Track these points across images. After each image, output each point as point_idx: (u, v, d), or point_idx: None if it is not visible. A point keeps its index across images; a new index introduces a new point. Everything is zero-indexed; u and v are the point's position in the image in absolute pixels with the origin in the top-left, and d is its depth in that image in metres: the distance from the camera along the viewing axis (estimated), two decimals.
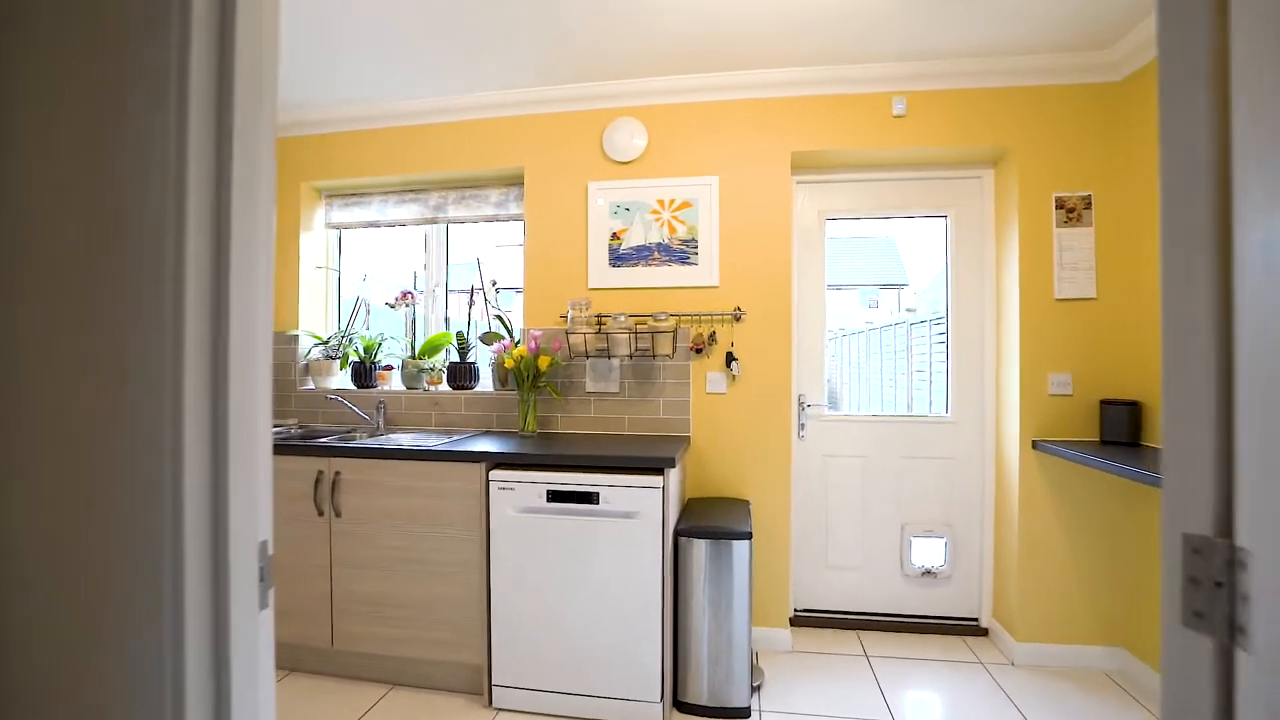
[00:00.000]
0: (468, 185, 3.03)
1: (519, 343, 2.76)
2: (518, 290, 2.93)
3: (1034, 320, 2.46)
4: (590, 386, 2.72)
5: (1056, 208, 2.46)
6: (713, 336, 2.60)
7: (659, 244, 2.67)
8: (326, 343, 3.04)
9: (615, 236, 2.71)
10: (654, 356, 2.63)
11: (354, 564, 2.28)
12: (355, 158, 2.99)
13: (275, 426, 2.87)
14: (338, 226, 3.18)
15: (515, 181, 2.94)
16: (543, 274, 2.80)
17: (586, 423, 2.73)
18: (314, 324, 3.14)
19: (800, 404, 2.82)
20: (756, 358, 2.61)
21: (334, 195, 3.18)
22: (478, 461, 2.18)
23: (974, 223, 2.75)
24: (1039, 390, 2.46)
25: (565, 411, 2.75)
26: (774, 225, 2.62)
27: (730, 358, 2.59)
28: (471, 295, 2.96)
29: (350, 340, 3.02)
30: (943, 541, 2.77)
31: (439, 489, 2.21)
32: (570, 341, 2.61)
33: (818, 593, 2.86)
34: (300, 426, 2.94)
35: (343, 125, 2.99)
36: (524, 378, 2.57)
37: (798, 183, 2.82)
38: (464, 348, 2.92)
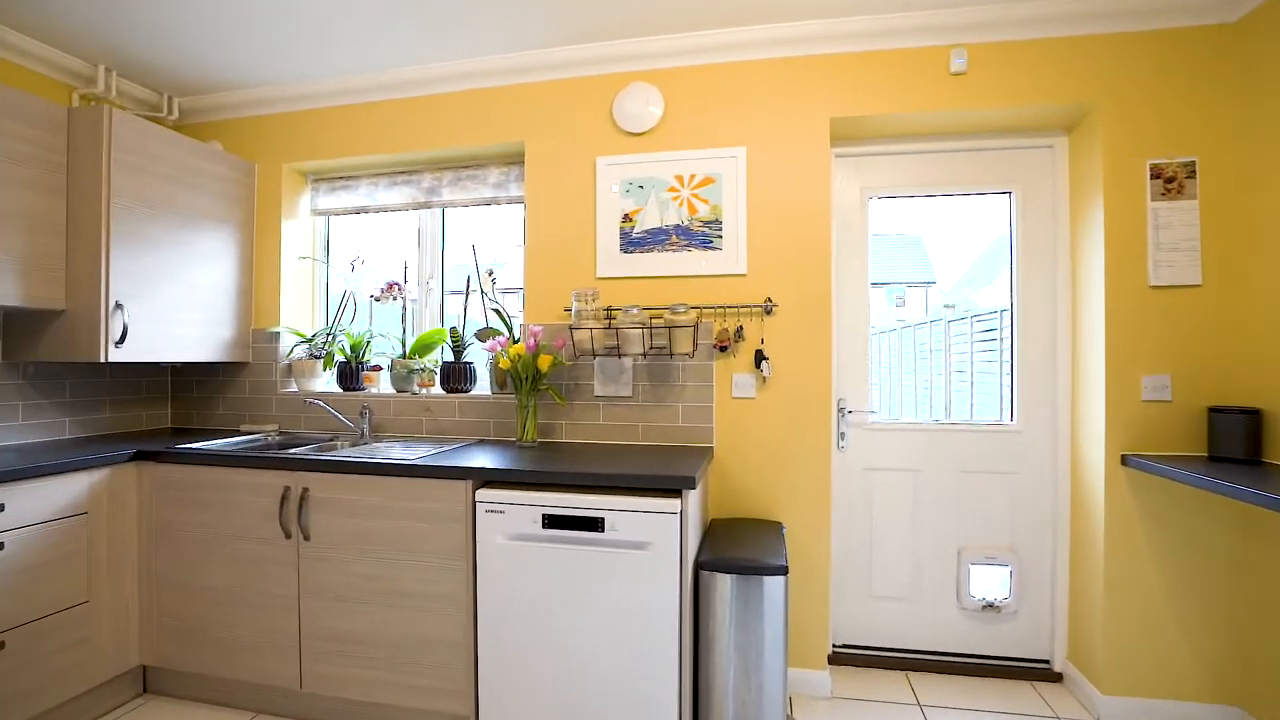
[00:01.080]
0: (464, 165, 2.71)
1: (517, 340, 2.43)
2: (517, 289, 2.61)
3: (1123, 312, 2.07)
4: (599, 390, 2.39)
5: (1152, 177, 2.06)
6: (739, 332, 2.25)
7: (677, 226, 2.32)
8: (311, 340, 2.75)
9: (627, 218, 2.37)
10: (671, 355, 2.29)
11: (325, 594, 1.97)
12: (342, 136, 2.70)
13: (252, 433, 2.59)
14: (324, 213, 2.89)
15: (516, 160, 2.62)
16: (545, 262, 2.47)
17: (594, 431, 2.40)
18: (299, 320, 2.85)
19: (839, 410, 2.45)
20: (790, 356, 2.25)
21: (320, 179, 2.89)
22: (461, 479, 1.86)
23: (1044, 199, 2.36)
24: (1129, 395, 2.06)
25: (570, 418, 2.42)
26: (810, 203, 2.25)
27: (760, 357, 2.23)
28: (467, 287, 2.65)
29: (335, 338, 2.73)
30: (1007, 570, 2.38)
31: (418, 510, 1.89)
32: (575, 338, 2.28)
33: (860, 626, 2.50)
34: (281, 433, 2.65)
35: (328, 99, 2.69)
36: (522, 380, 2.24)
37: (836, 156, 2.45)
38: (459, 346, 2.61)
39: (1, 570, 1.80)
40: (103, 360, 2.16)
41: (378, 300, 2.64)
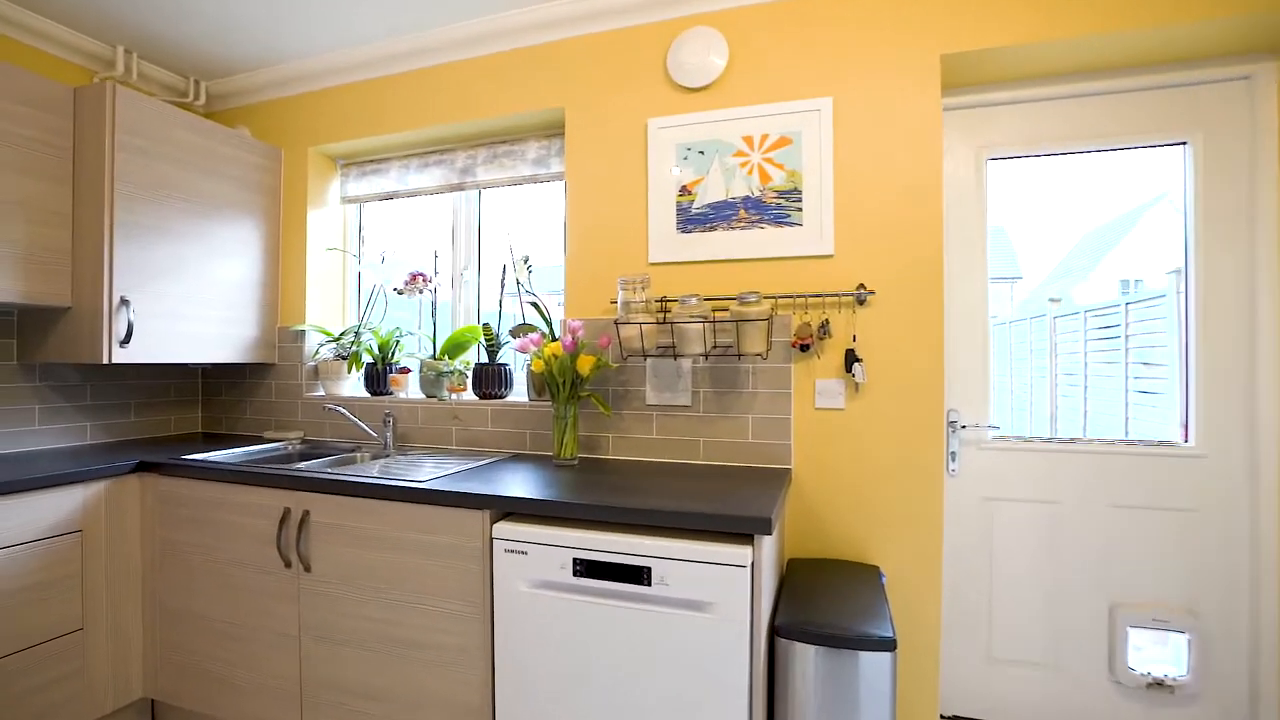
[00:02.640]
0: (499, 139, 2.39)
1: (556, 338, 2.08)
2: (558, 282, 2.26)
3: None
4: (651, 397, 2.00)
5: None
6: (825, 327, 1.80)
7: (746, 198, 1.90)
8: (338, 340, 2.51)
9: (685, 191, 1.97)
10: (740, 356, 1.87)
11: (327, 636, 1.68)
12: (367, 113, 2.43)
13: (275, 441, 2.36)
14: (354, 200, 2.65)
15: (557, 131, 2.27)
16: (588, 247, 2.10)
17: (645, 446, 2.01)
18: (327, 317, 2.62)
19: (950, 424, 1.96)
20: (890, 357, 1.79)
21: (350, 163, 2.65)
22: (476, 508, 1.51)
23: (1237, 148, 1.78)
24: None
25: (618, 430, 2.04)
26: (917, 165, 1.78)
27: (851, 358, 1.78)
28: (503, 278, 2.32)
29: (361, 337, 2.47)
30: (1183, 638, 1.82)
31: (427, 544, 1.56)
32: (621, 335, 1.90)
33: (975, 695, 1.99)
34: (304, 442, 2.42)
35: (351, 74, 2.44)
36: (559, 385, 1.88)
37: (945, 109, 1.96)
38: (493, 345, 2.29)
39: None
40: (105, 361, 1.97)
41: (401, 293, 2.35)
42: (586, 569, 1.37)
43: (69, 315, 2.03)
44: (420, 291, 2.30)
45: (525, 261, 2.18)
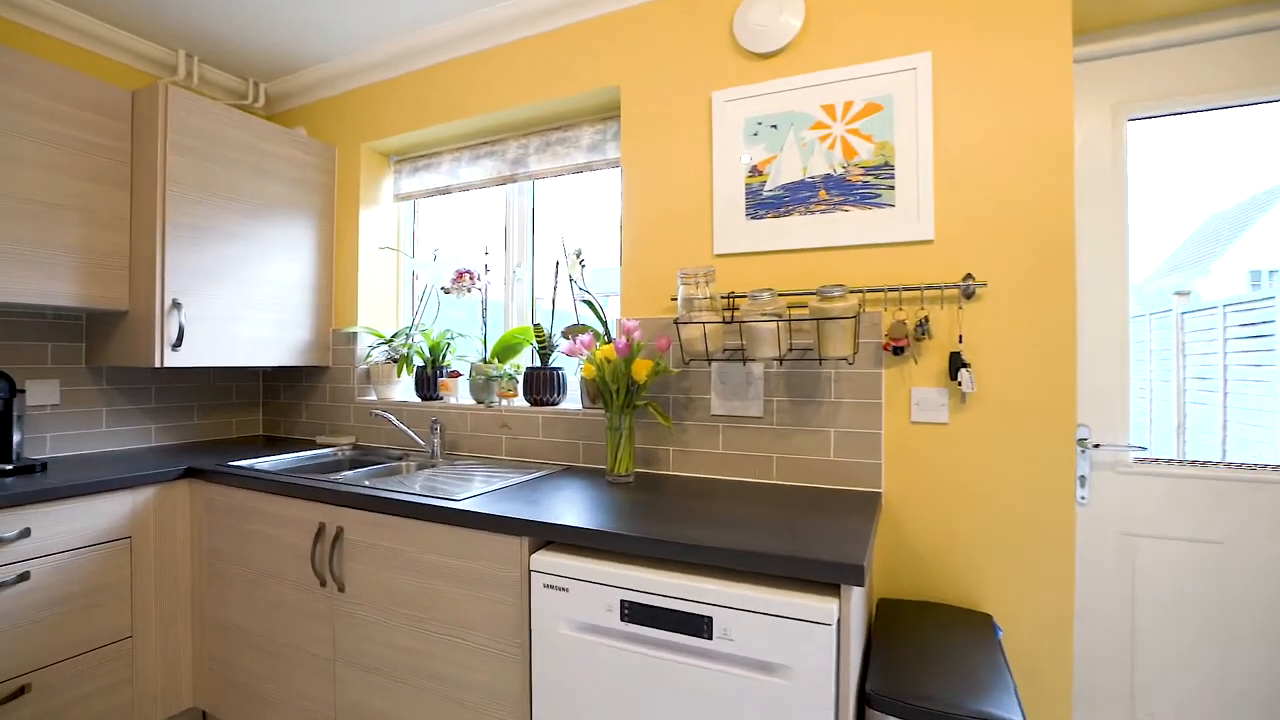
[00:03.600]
0: (552, 126, 2.23)
1: (610, 339, 1.88)
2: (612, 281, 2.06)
3: None
4: (718, 407, 1.76)
5: None
6: (923, 326, 1.51)
7: (827, 177, 1.64)
8: (390, 342, 2.42)
9: (755, 172, 1.72)
10: (820, 360, 1.61)
11: (359, 662, 1.55)
12: (416, 105, 2.33)
13: (327, 447, 2.29)
14: (407, 197, 2.56)
15: (613, 114, 2.08)
16: (646, 238, 1.90)
17: (711, 463, 1.78)
18: (380, 318, 2.54)
19: (1078, 442, 1.62)
20: (1007, 361, 1.48)
21: (404, 159, 2.56)
22: (513, 534, 1.33)
23: None
24: None
25: (679, 443, 1.82)
26: (1041, 128, 1.46)
27: (958, 362, 1.48)
28: (556, 275, 2.15)
29: (412, 339, 2.37)
30: None
31: (461, 570, 1.40)
32: (683, 336, 1.67)
33: None
34: (355, 448, 2.34)
35: (399, 65, 2.34)
36: (612, 393, 1.68)
37: (1076, 62, 1.62)
38: (545, 348, 2.12)
39: (26, 604, 1.58)
40: (158, 365, 1.94)
41: (448, 292, 2.22)
42: (636, 614, 1.16)
43: (127, 319, 2.02)
44: (468, 290, 2.17)
45: (578, 256, 2.00)
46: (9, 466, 1.78)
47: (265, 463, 1.98)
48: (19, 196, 1.78)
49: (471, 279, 2.15)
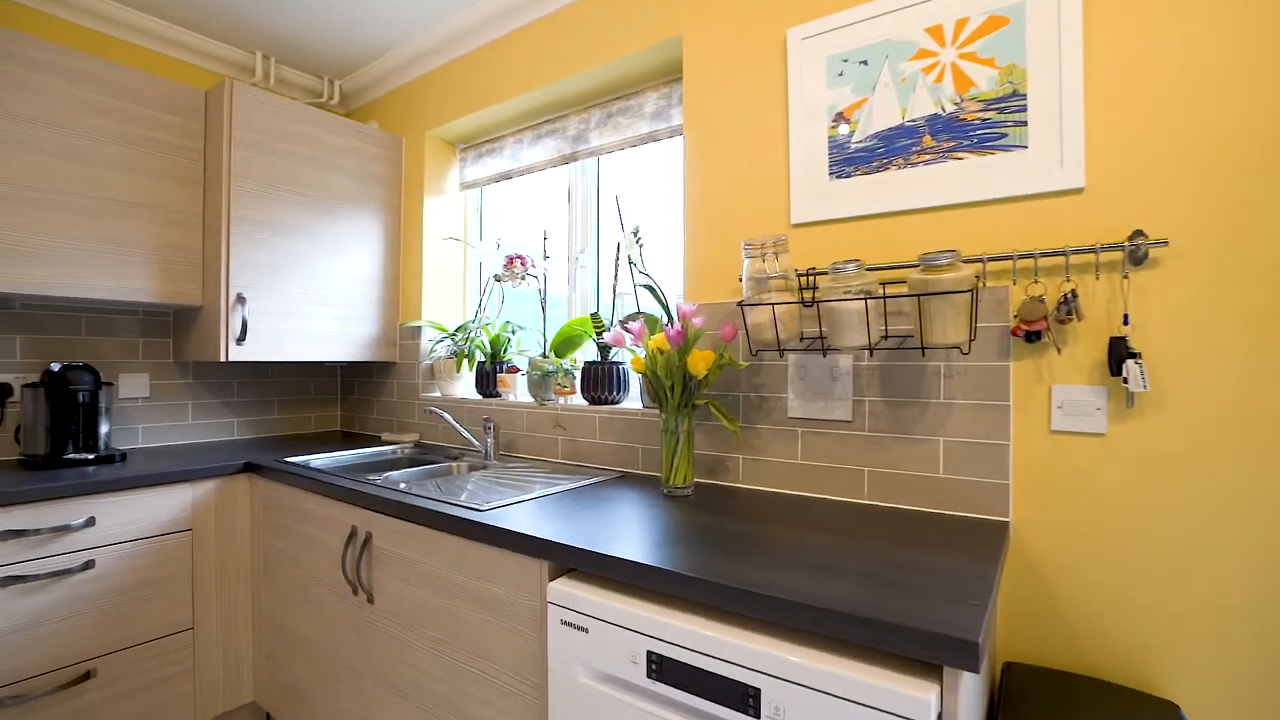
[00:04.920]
0: (614, 96, 2.02)
1: (661, 326, 1.64)
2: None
3: None
4: (796, 407, 1.47)
5: None
6: (1068, 304, 1.13)
7: (932, 118, 1.29)
8: (453, 336, 2.32)
9: (840, 120, 1.41)
10: (923, 350, 1.26)
11: (387, 682, 1.42)
12: (476, 85, 2.21)
13: (390, 444, 2.23)
14: (473, 185, 2.46)
15: (677, 75, 1.83)
16: (711, 209, 1.63)
17: (787, 475, 1.48)
18: (447, 312, 2.47)
19: None
20: (1198, 351, 1.06)
21: (469, 146, 2.47)
22: (533, 555, 1.12)
23: None
24: None
25: (750, 451, 1.54)
26: (1253, 29, 1.03)
27: (1123, 352, 1.09)
28: (616, 258, 1.94)
29: (472, 333, 2.25)
30: None
31: (481, 593, 1.22)
32: (749, 322, 1.39)
33: None
34: (417, 446, 2.27)
35: (461, 45, 2.23)
36: (666, 389, 1.44)
37: None
38: (605, 341, 1.92)
39: (92, 590, 1.60)
40: (223, 359, 1.95)
41: (499, 280, 2.07)
42: (665, 671, 0.91)
43: (200, 314, 2.06)
44: (521, 278, 2.01)
45: (635, 234, 1.77)
46: (91, 456, 1.84)
47: (319, 460, 1.93)
48: (101, 197, 1.84)
49: (523, 264, 1.99)
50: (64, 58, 1.76)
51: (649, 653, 0.92)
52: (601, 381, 1.89)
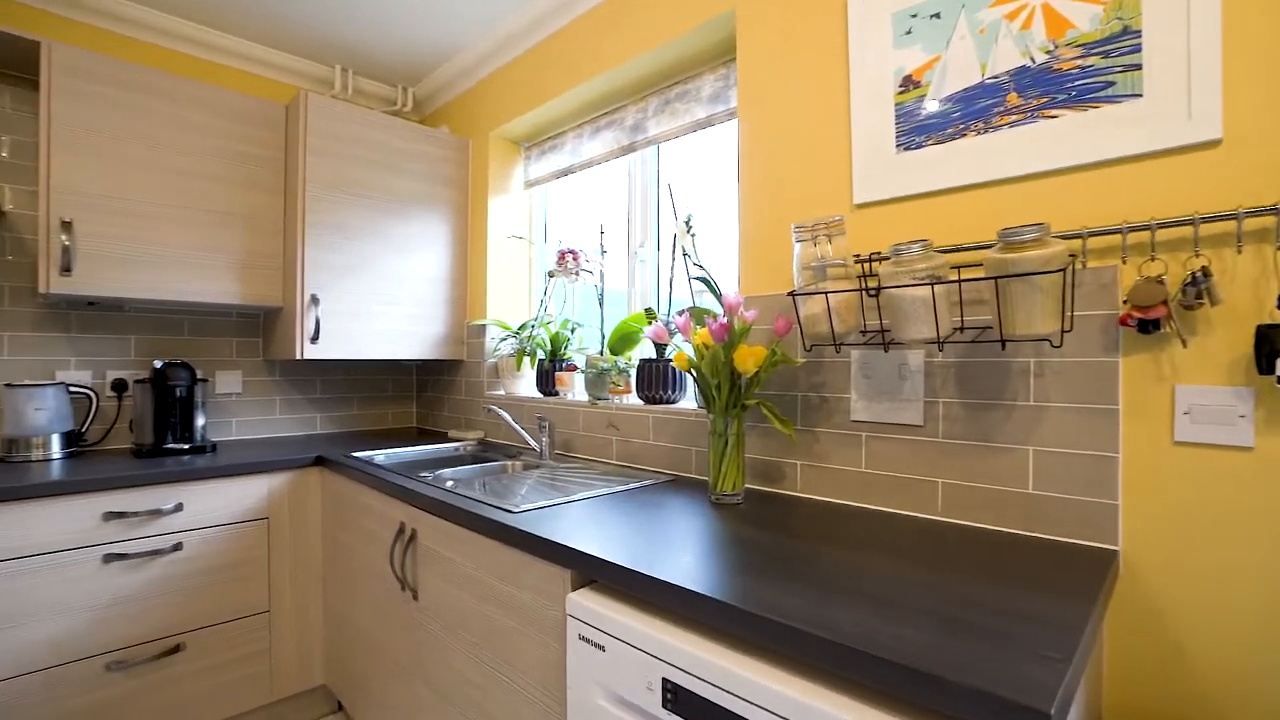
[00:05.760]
0: (671, 81, 1.93)
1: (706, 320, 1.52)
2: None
3: None
4: (860, 409, 1.31)
5: None
6: (1198, 283, 0.91)
7: (1019, 71, 1.10)
8: (517, 333, 2.33)
9: (909, 84, 1.24)
10: (1003, 343, 1.08)
11: (429, 682, 1.42)
12: (537, 81, 2.20)
13: (455, 442, 2.27)
14: (536, 182, 2.46)
15: (734, 53, 1.71)
16: (766, 195, 1.51)
17: (849, 484, 1.33)
18: (512, 310, 2.48)
19: None
20: None
21: (532, 144, 2.47)
22: (557, 562, 1.06)
23: None
24: None
25: (810, 456, 1.40)
26: None
27: (1277, 342, 0.86)
28: (673, 251, 1.85)
29: (532, 331, 2.24)
30: None
31: (509, 598, 1.17)
32: (801, 314, 1.26)
33: None
34: (481, 444, 2.29)
35: (518, 45, 2.23)
36: (714, 389, 1.33)
37: None
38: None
39: (181, 570, 1.73)
40: (298, 357, 2.05)
41: (552, 276, 2.04)
42: (682, 703, 0.81)
43: (281, 314, 2.19)
44: (574, 274, 1.96)
45: (687, 224, 1.67)
46: (186, 446, 2.00)
47: (383, 455, 1.99)
48: (196, 207, 1.99)
49: (575, 259, 1.94)
50: (164, 80, 1.92)
51: (665, 680, 0.83)
52: (656, 380, 1.81)
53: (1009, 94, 1.11)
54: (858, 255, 1.25)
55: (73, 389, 1.97)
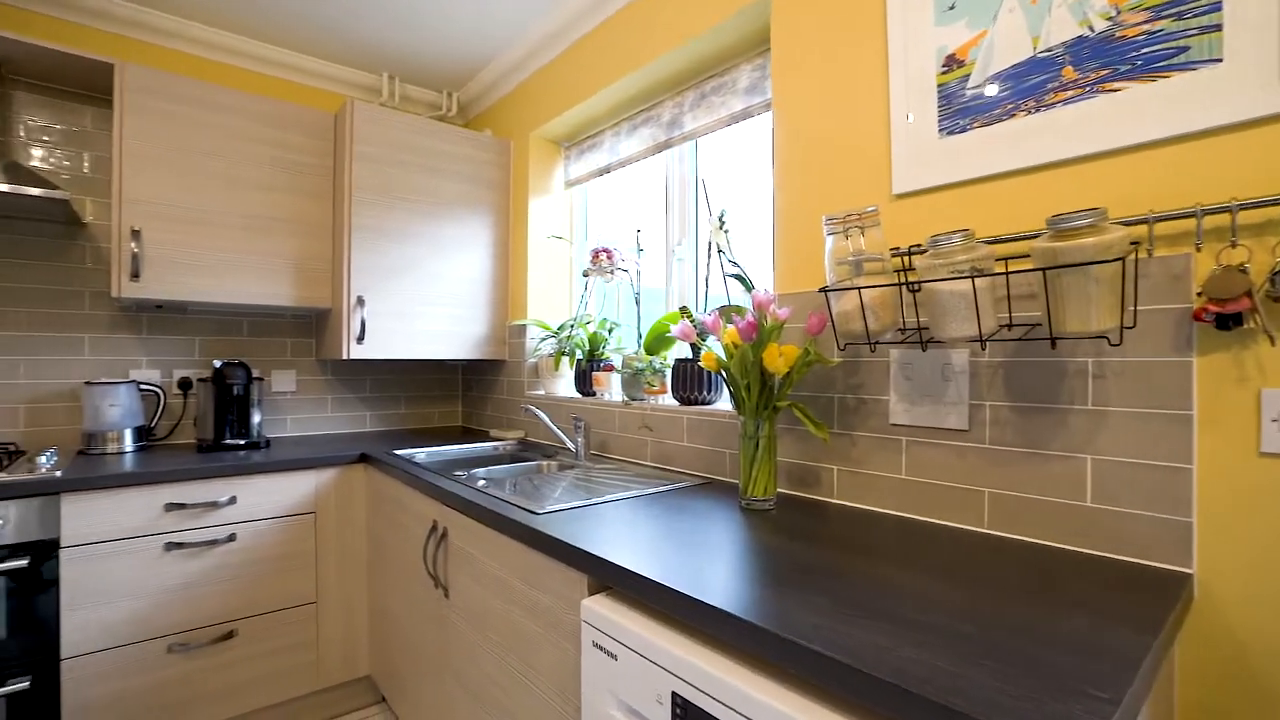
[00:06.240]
0: (707, 74, 1.89)
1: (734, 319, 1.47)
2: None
3: None
4: (900, 412, 1.23)
5: None
6: None
7: (1075, 42, 1.00)
8: (557, 333, 2.33)
9: (952, 63, 1.15)
10: (1053, 340, 0.98)
11: (460, 678, 1.43)
12: (573, 80, 2.19)
13: (496, 441, 2.30)
14: (576, 182, 2.45)
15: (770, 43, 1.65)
16: (801, 187, 1.44)
17: (888, 491, 1.25)
18: (553, 310, 2.49)
19: None
20: None
21: (572, 144, 2.47)
22: (572, 565, 1.04)
23: None
24: None
25: (847, 461, 1.33)
26: None
27: None
28: (710, 249, 1.81)
29: (571, 331, 2.24)
30: None
31: (531, 601, 1.16)
32: (834, 310, 1.19)
33: None
34: (520, 444, 2.31)
35: (556, 45, 2.23)
36: (742, 389, 1.28)
37: None
38: (701, 335, 1.79)
39: (234, 560, 1.81)
40: (345, 357, 2.12)
41: (587, 275, 2.02)
42: (689, 717, 0.77)
43: (330, 316, 2.27)
44: (609, 273, 1.94)
45: (720, 220, 1.62)
46: (242, 442, 2.10)
47: (423, 454, 2.02)
48: (253, 214, 2.08)
49: (609, 258, 1.92)
50: (221, 95, 2.02)
51: (674, 694, 0.79)
52: (691, 380, 1.77)
53: (1064, 68, 1.01)
54: (896, 248, 1.17)
55: (143, 387, 2.10)
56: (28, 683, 1.53)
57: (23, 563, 1.52)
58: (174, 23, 2.17)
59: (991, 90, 1.09)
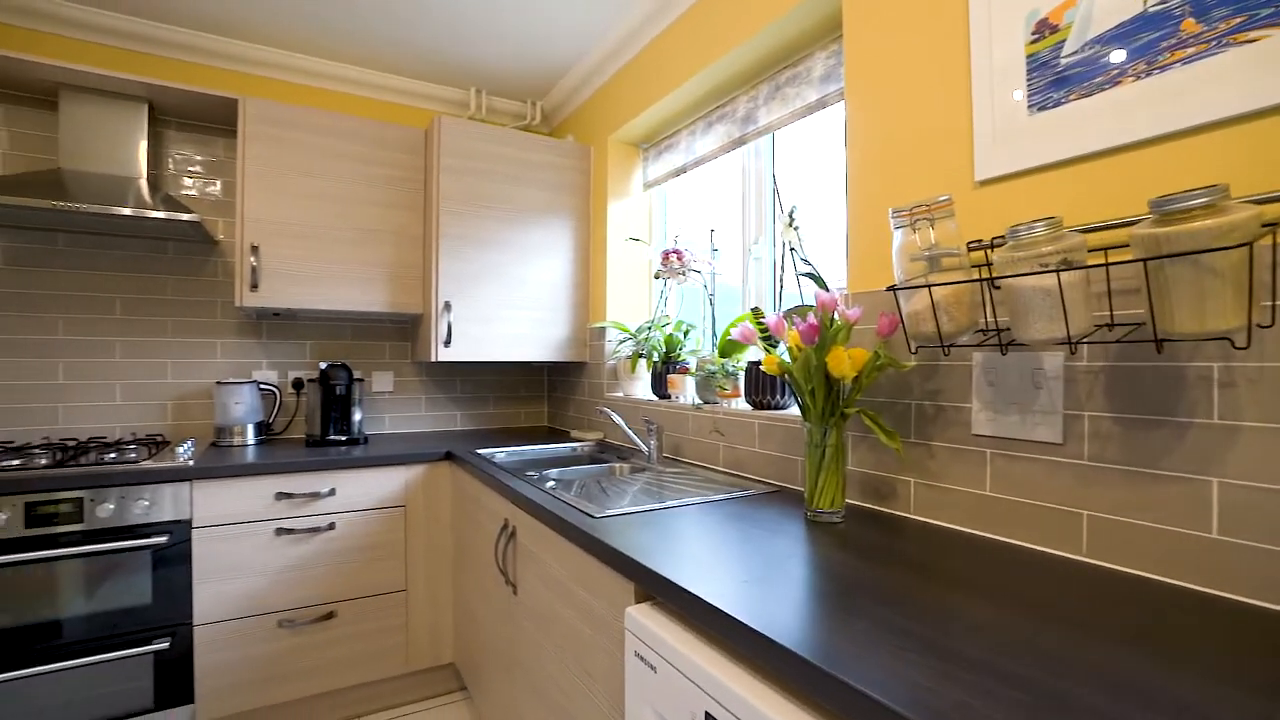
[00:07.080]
0: (781, 65, 1.81)
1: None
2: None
3: None
4: (982, 422, 1.12)
5: None
6: None
7: None
8: (635, 335, 2.34)
9: (1045, 29, 1.02)
10: (1158, 342, 0.84)
11: (527, 676, 1.46)
12: (647, 81, 2.19)
13: (576, 442, 2.34)
14: (654, 183, 2.45)
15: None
16: (875, 178, 1.34)
17: (970, 509, 1.13)
18: (632, 312, 2.50)
19: None
20: None
21: (650, 146, 2.47)
22: (621, 572, 1.02)
23: None
24: None
25: (923, 474, 1.22)
26: None
27: None
28: (785, 248, 1.73)
29: (648, 333, 2.23)
30: None
31: (586, 605, 1.16)
32: (905, 311, 1.10)
33: None
34: (598, 445, 2.33)
35: (630, 48, 2.23)
36: (807, 394, 1.21)
37: None
38: (767, 336, 1.72)
39: (334, 547, 1.97)
40: (433, 359, 2.24)
41: (658, 277, 2.00)
42: None
43: (421, 320, 2.41)
44: (681, 274, 1.91)
45: (790, 217, 1.55)
46: (344, 438, 2.28)
47: (503, 453, 2.10)
48: (353, 228, 2.26)
49: (680, 259, 1.89)
50: (322, 118, 2.20)
51: (708, 715, 0.76)
52: (763, 384, 1.70)
53: (1184, 20, 0.86)
54: (979, 241, 1.06)
55: (263, 386, 2.34)
56: (168, 643, 1.75)
57: (163, 539, 1.74)
58: (283, 56, 2.40)
59: (1091, 55, 0.96)
